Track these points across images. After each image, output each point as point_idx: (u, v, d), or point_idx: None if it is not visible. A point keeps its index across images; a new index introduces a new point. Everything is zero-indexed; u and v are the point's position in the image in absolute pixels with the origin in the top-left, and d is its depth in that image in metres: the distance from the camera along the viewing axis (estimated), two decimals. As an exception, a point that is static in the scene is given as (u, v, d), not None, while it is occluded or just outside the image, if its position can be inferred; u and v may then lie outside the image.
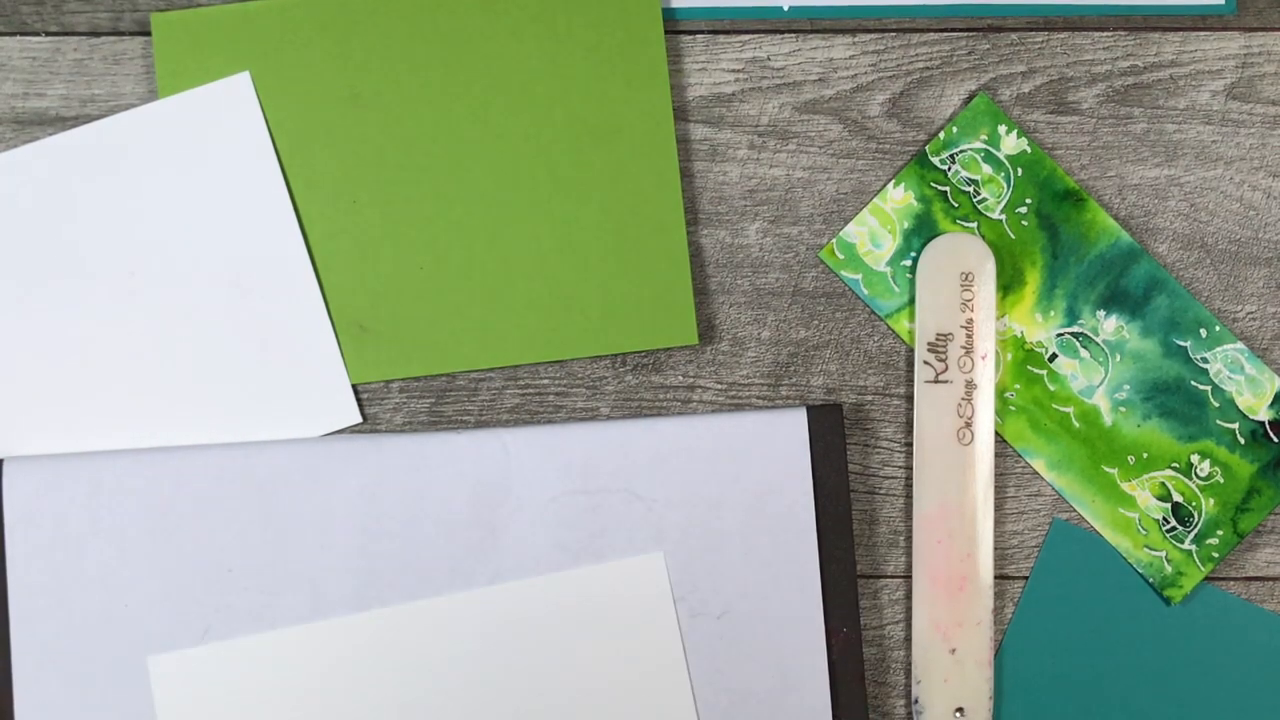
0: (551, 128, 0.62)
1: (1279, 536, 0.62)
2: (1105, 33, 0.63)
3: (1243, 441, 0.61)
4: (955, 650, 0.60)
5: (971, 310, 0.61)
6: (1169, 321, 0.62)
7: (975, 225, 0.62)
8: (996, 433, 0.62)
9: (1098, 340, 0.62)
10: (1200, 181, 0.63)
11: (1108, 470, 0.61)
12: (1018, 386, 0.62)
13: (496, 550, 0.60)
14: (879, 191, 0.63)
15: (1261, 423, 0.61)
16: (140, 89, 0.63)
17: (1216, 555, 0.61)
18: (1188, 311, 0.62)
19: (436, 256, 0.62)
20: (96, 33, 0.63)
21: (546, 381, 0.62)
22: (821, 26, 0.63)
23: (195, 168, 0.61)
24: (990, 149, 0.62)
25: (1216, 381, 0.62)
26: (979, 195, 0.62)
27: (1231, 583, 0.62)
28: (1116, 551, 0.61)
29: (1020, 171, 0.62)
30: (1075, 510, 0.62)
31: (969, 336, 0.61)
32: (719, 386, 0.62)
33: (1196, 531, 0.61)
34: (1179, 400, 0.62)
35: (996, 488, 0.62)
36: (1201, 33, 0.63)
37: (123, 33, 0.63)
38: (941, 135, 0.62)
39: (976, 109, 0.62)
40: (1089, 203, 0.62)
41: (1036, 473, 0.62)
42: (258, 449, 0.60)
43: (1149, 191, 0.63)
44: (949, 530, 0.60)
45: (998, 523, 0.62)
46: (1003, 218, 0.62)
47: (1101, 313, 0.62)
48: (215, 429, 0.61)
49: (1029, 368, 0.62)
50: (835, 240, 0.62)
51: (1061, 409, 0.62)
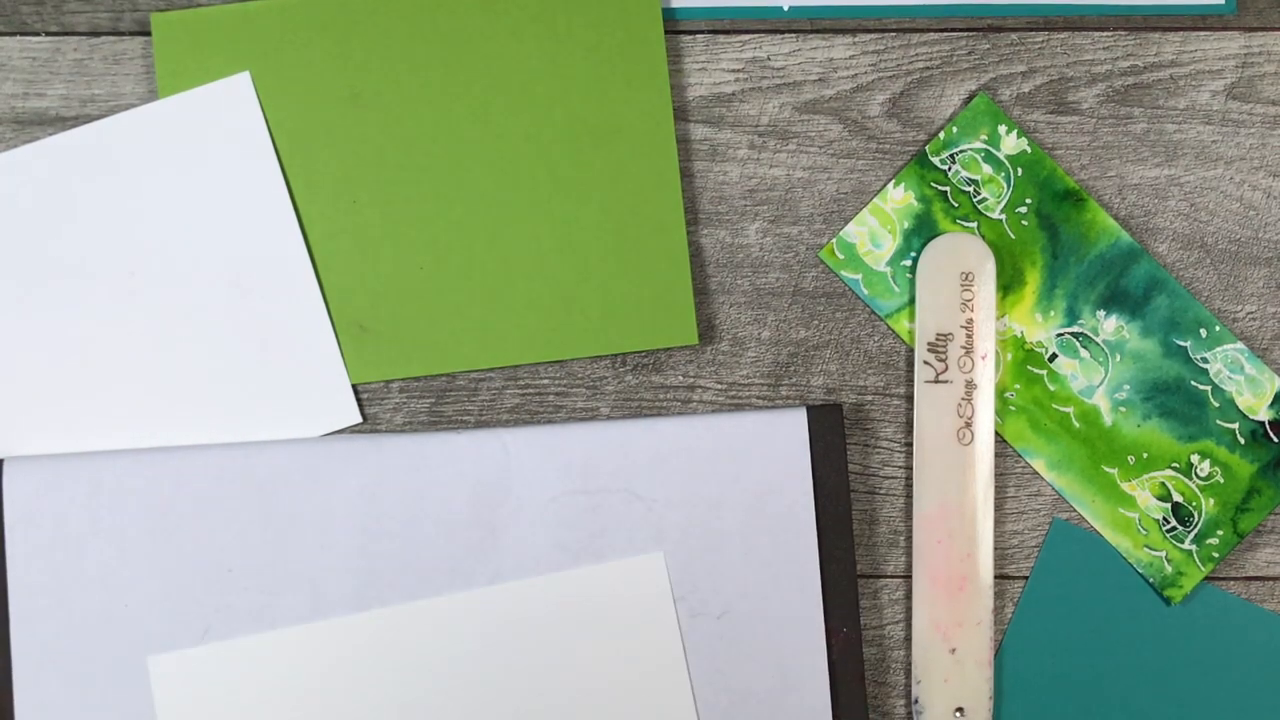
0: (551, 128, 0.62)
1: (1279, 536, 0.62)
2: (1105, 33, 0.63)
3: (1243, 441, 0.61)
4: (955, 650, 0.60)
5: (971, 310, 0.61)
6: (1169, 321, 0.62)
7: (975, 225, 0.62)
8: (996, 433, 0.62)
9: (1098, 340, 0.62)
10: (1200, 181, 0.63)
11: (1108, 470, 0.61)
12: (1018, 386, 0.62)
13: (496, 550, 0.60)
14: (879, 191, 0.63)
15: (1261, 423, 0.61)
16: (140, 89, 0.62)
17: (1216, 555, 0.61)
18: (1188, 311, 0.62)
19: (436, 256, 0.62)
20: (96, 33, 0.63)
21: (546, 381, 0.62)
22: (821, 26, 0.63)
23: (195, 168, 0.61)
24: (990, 149, 0.62)
25: (1216, 381, 0.62)
26: (979, 195, 0.62)
27: (1231, 583, 0.62)
28: (1116, 551, 0.61)
29: (1020, 171, 0.62)
30: (1075, 510, 0.62)
31: (969, 336, 0.61)
32: (719, 386, 0.62)
33: (1196, 531, 0.61)
34: (1179, 400, 0.62)
35: (996, 488, 0.62)
36: (1201, 33, 0.63)
37: (123, 33, 0.63)
38: (941, 135, 0.62)
39: (976, 109, 0.62)
40: (1089, 203, 0.62)
41: (1036, 473, 0.62)
42: (258, 449, 0.60)
43: (1149, 191, 0.63)
44: (949, 530, 0.60)
45: (998, 523, 0.62)
46: (1003, 218, 0.62)
47: (1101, 313, 0.62)
48: (215, 429, 0.61)
49: (1029, 368, 0.62)
50: (835, 240, 0.62)
51: (1061, 409, 0.62)
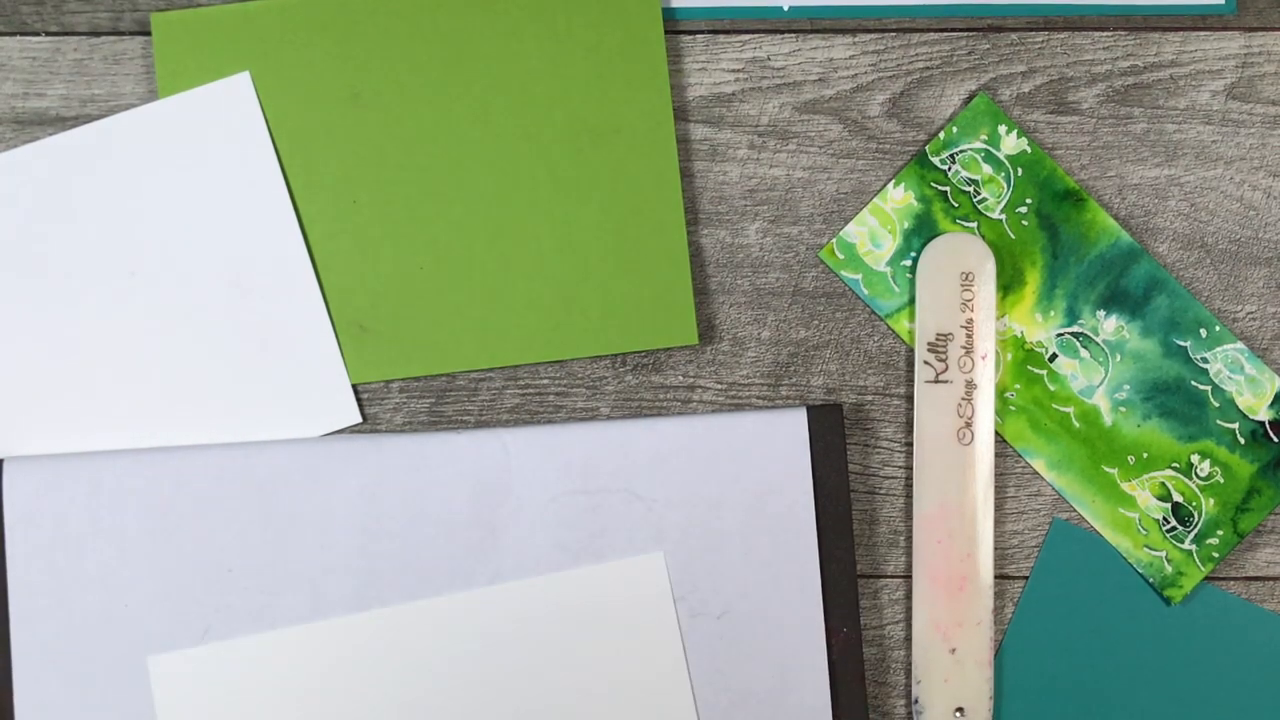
0: (551, 128, 0.62)
1: (1279, 536, 0.62)
2: (1105, 33, 0.63)
3: (1243, 441, 0.61)
4: (955, 650, 0.60)
5: (971, 310, 0.61)
6: (1169, 321, 0.62)
7: (975, 225, 0.62)
8: (996, 433, 0.62)
9: (1098, 340, 0.62)
10: (1200, 181, 0.63)
11: (1108, 470, 0.61)
12: (1018, 386, 0.62)
13: (496, 550, 0.60)
14: (879, 191, 0.63)
15: (1261, 423, 0.61)
16: (140, 89, 0.62)
17: (1216, 555, 0.61)
18: (1188, 311, 0.62)
19: (436, 256, 0.62)
20: (96, 33, 0.63)
21: (546, 381, 0.62)
22: (821, 26, 0.63)
23: (195, 168, 0.61)
24: (990, 149, 0.62)
25: (1216, 381, 0.62)
26: (979, 195, 0.62)
27: (1231, 583, 0.62)
28: (1116, 551, 0.61)
29: (1020, 171, 0.62)
30: (1075, 510, 0.62)
31: (969, 336, 0.61)
32: (719, 386, 0.62)
33: (1196, 531, 0.61)
34: (1179, 400, 0.62)
35: (996, 488, 0.62)
36: (1201, 33, 0.63)
37: (123, 33, 0.63)
38: (941, 135, 0.62)
39: (976, 109, 0.62)
40: (1089, 203, 0.62)
41: (1036, 473, 0.62)
42: (258, 449, 0.60)
43: (1149, 191, 0.63)
44: (949, 530, 0.60)
45: (998, 523, 0.62)
46: (1003, 218, 0.62)
47: (1101, 313, 0.62)
48: (215, 429, 0.61)
49: (1029, 368, 0.62)
50: (835, 240, 0.62)
51: (1061, 409, 0.62)
